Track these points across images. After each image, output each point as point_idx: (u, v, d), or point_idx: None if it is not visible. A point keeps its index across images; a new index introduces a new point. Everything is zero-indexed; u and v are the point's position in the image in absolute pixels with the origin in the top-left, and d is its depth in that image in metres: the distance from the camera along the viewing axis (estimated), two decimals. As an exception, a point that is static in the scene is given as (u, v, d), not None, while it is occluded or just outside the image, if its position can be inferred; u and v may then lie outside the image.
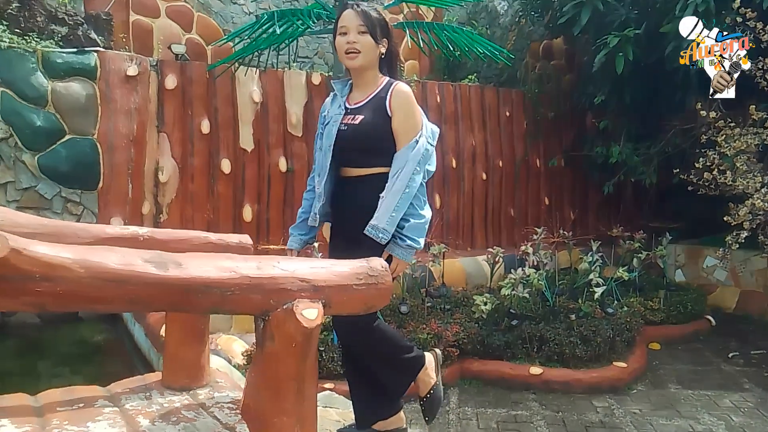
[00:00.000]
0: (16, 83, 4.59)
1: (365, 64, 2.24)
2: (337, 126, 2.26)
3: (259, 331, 1.68)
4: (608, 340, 4.55)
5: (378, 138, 2.21)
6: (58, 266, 1.33)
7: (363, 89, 2.30)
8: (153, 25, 5.84)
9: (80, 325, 4.71)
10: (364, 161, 2.25)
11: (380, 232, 2.13)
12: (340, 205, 2.32)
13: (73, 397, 2.34)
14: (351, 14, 2.22)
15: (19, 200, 4.60)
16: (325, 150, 2.29)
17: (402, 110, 2.20)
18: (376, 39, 2.21)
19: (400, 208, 2.14)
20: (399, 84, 2.25)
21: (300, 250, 2.48)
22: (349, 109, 2.29)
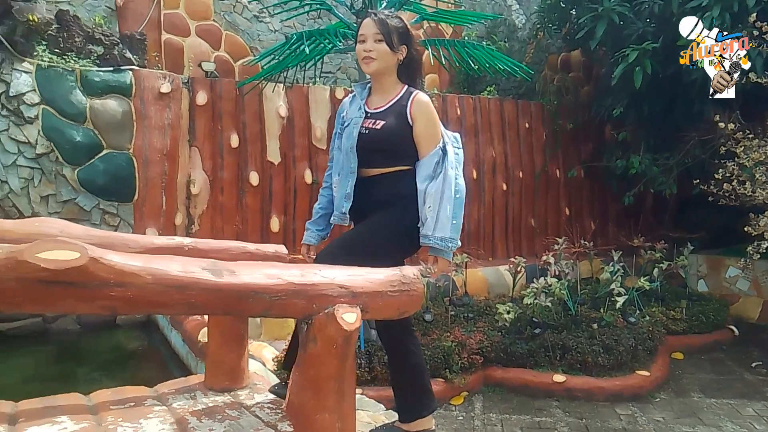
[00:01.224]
0: (56, 101, 4.82)
1: (380, 69, 2.32)
2: (358, 128, 2.35)
3: (302, 333, 1.82)
4: (630, 349, 4.61)
5: (398, 143, 2.30)
6: (128, 273, 1.48)
7: (382, 94, 2.39)
8: (183, 43, 6.06)
9: (117, 332, 4.89)
10: (383, 162, 2.34)
11: (449, 242, 2.24)
12: (359, 202, 2.39)
13: (123, 396, 2.49)
14: (369, 23, 2.32)
15: (60, 212, 4.81)
16: (346, 151, 2.38)
17: (423, 118, 2.29)
18: (392, 46, 2.29)
19: (458, 215, 2.26)
20: (419, 93, 2.33)
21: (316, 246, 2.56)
22: (370, 113, 2.38)
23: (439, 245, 2.24)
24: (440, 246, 2.24)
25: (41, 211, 4.76)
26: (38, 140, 4.73)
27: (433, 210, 2.23)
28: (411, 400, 2.37)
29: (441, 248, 2.25)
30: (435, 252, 2.28)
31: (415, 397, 2.37)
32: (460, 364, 4.36)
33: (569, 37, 7.47)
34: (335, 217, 2.47)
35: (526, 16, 8.37)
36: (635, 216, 7.65)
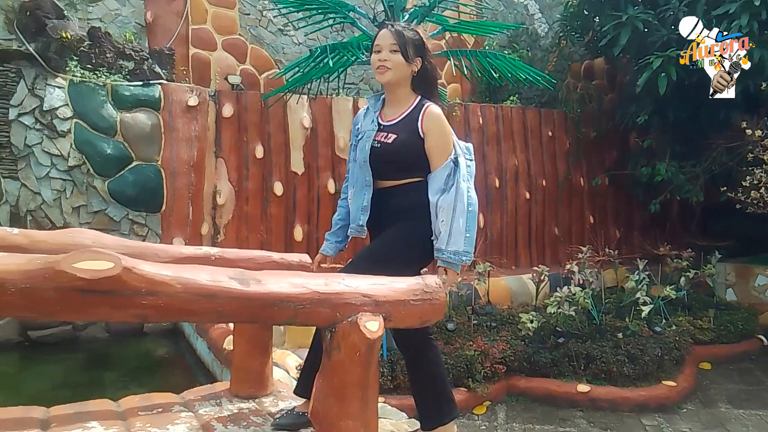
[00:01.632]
0: (88, 115, 4.97)
1: (394, 80, 2.32)
2: (371, 142, 2.36)
3: (326, 341, 1.86)
4: (656, 359, 4.56)
5: (410, 156, 2.30)
6: (159, 282, 1.54)
7: (395, 106, 2.38)
8: (210, 57, 6.20)
9: (145, 340, 5.00)
10: (396, 175, 2.34)
11: (463, 256, 2.23)
12: (374, 214, 2.39)
13: (151, 402, 2.56)
14: (385, 33, 2.33)
15: (91, 222, 4.94)
16: (360, 164, 2.39)
17: (434, 131, 2.28)
18: (407, 57, 2.29)
19: (471, 228, 2.24)
20: (431, 106, 2.32)
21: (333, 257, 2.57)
22: (382, 126, 2.38)
23: (452, 259, 2.24)
24: (453, 260, 2.24)
25: (72, 221, 4.90)
26: (70, 153, 4.88)
27: (446, 224, 2.22)
28: (432, 407, 2.38)
29: (454, 262, 2.24)
30: (447, 264, 2.27)
31: (436, 405, 2.38)
32: (483, 374, 4.35)
33: (592, 45, 7.44)
34: (352, 230, 2.47)
35: (549, 25, 8.36)
36: (661, 224, 7.56)
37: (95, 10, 5.64)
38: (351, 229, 2.47)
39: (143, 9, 5.90)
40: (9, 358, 4.61)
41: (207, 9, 6.22)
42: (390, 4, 4.49)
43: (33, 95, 4.84)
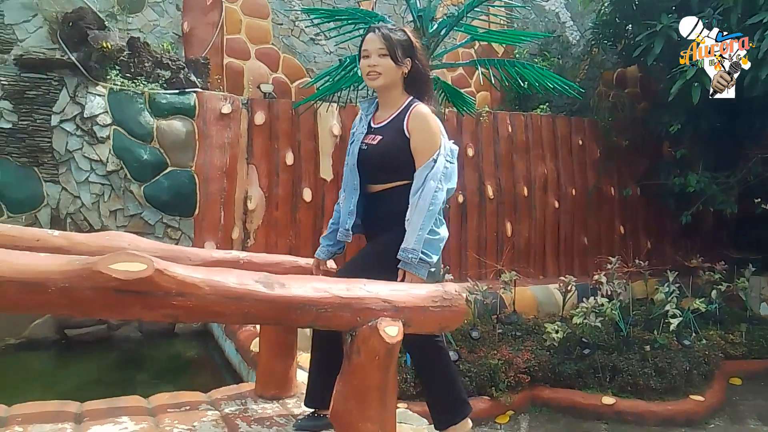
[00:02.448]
0: (126, 122, 5.15)
1: (385, 84, 2.29)
2: (359, 145, 2.35)
3: (347, 345, 1.92)
4: (684, 373, 4.50)
5: (395, 158, 2.26)
6: (190, 284, 1.62)
7: (387, 109, 2.36)
8: (244, 66, 6.36)
9: (176, 341, 5.13)
10: (384, 178, 2.31)
11: (410, 253, 2.14)
12: (367, 220, 2.39)
13: (179, 401, 2.66)
14: (372, 38, 2.29)
15: (127, 226, 5.11)
16: (350, 168, 2.37)
17: (419, 131, 2.23)
18: (396, 60, 2.26)
19: (426, 227, 2.16)
20: (418, 106, 2.28)
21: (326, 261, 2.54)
22: (372, 129, 2.36)
23: (401, 256, 2.15)
24: (402, 257, 2.15)
25: (110, 224, 5.07)
26: (109, 158, 5.06)
27: (409, 221, 2.18)
28: (443, 408, 2.37)
29: (405, 260, 2.15)
30: (403, 266, 2.17)
31: (446, 406, 2.36)
32: (507, 383, 4.36)
33: (625, 53, 7.38)
34: (340, 234, 2.43)
35: (581, 33, 8.32)
36: (693, 235, 7.43)
37: (135, 20, 5.84)
38: (339, 234, 2.44)
39: (180, 20, 6.08)
40: (46, 355, 4.80)
41: (241, 19, 6.39)
42: (419, 14, 4.55)
43: (74, 103, 5.04)
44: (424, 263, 2.18)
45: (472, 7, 4.29)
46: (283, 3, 6.62)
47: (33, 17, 5.34)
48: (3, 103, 4.87)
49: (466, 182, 6.66)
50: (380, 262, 2.23)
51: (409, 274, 2.17)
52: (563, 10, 8.33)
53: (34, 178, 4.92)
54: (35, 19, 5.34)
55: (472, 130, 6.75)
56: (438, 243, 2.23)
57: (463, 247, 6.59)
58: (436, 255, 2.22)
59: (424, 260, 2.17)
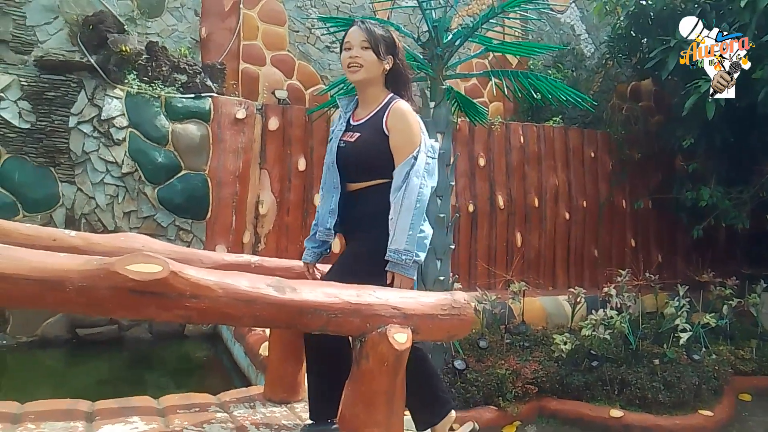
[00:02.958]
0: (142, 125, 5.22)
1: (367, 78, 2.25)
2: (337, 142, 2.31)
3: (356, 350, 1.94)
4: (693, 387, 4.47)
5: (373, 156, 2.21)
6: (203, 287, 1.65)
7: (366, 106, 2.31)
8: (259, 72, 6.42)
9: (185, 343, 5.18)
10: (363, 177, 2.26)
11: (403, 255, 2.08)
12: (346, 219, 2.33)
13: (189, 402, 2.69)
14: (355, 30, 2.26)
15: (140, 227, 5.17)
16: (328, 166, 2.33)
17: (398, 128, 2.19)
18: (379, 55, 2.22)
19: (415, 225, 2.11)
20: (398, 102, 2.24)
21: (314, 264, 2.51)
22: (351, 126, 2.32)
23: (392, 257, 2.09)
24: (394, 259, 2.09)
25: (123, 225, 5.13)
26: (124, 160, 5.12)
27: (394, 221, 2.11)
28: (422, 408, 2.31)
29: (396, 262, 2.09)
30: (392, 267, 2.11)
31: (425, 406, 2.30)
32: (514, 393, 4.35)
33: (639, 67, 7.38)
34: (320, 233, 2.38)
35: (595, 45, 8.32)
36: (705, 250, 7.39)
37: (153, 25, 5.92)
38: (319, 233, 2.39)
39: (198, 25, 6.16)
40: (58, 354, 4.85)
41: (258, 26, 6.45)
42: (434, 24, 4.58)
43: (92, 105, 5.12)
44: (416, 264, 2.13)
45: (487, 19, 4.32)
46: (299, 11, 6.69)
47: (54, 19, 5.43)
48: (22, 104, 4.96)
49: (478, 192, 6.67)
50: (364, 266, 2.18)
51: (398, 276, 2.12)
52: (578, 22, 8.34)
53: (50, 179, 5.00)
54: (56, 22, 5.44)
55: (485, 140, 6.77)
56: (425, 241, 2.17)
57: (472, 256, 6.59)
58: (424, 254, 2.16)
59: (417, 261, 2.12)
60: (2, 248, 1.52)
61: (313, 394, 2.33)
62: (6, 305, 1.50)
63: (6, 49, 5.23)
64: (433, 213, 4.57)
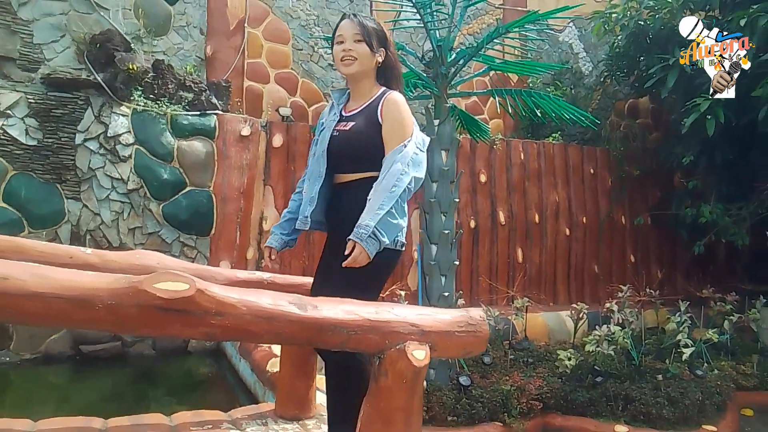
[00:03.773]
0: (148, 142, 5.26)
1: (360, 71, 2.26)
2: (330, 132, 2.29)
3: (374, 366, 1.96)
4: (697, 403, 4.49)
5: (367, 145, 2.21)
6: (227, 304, 1.68)
7: (359, 98, 2.32)
8: (263, 90, 6.49)
9: (189, 359, 5.17)
10: (354, 167, 2.25)
11: (362, 228, 2.08)
12: (332, 211, 2.31)
13: (201, 419, 2.70)
14: (347, 23, 2.26)
15: (145, 243, 5.19)
16: (318, 156, 2.31)
17: (391, 117, 2.20)
18: (371, 48, 2.24)
19: (385, 206, 2.10)
20: (392, 93, 2.25)
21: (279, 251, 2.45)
22: (344, 117, 2.32)
23: (355, 232, 2.09)
24: (355, 232, 2.09)
25: (128, 242, 5.16)
26: (130, 177, 5.16)
27: (368, 201, 2.13)
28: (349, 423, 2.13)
29: (356, 235, 2.08)
30: (354, 237, 2.09)
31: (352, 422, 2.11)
32: (519, 409, 4.36)
33: (638, 84, 7.49)
34: (299, 222, 2.36)
35: (593, 64, 8.45)
36: (705, 266, 7.45)
37: (160, 43, 5.99)
38: (298, 222, 2.37)
39: (203, 43, 6.24)
40: (61, 370, 4.84)
41: (263, 44, 6.54)
42: (438, 44, 4.66)
43: (99, 122, 5.16)
44: (374, 239, 2.09)
45: (491, 39, 4.39)
46: (303, 29, 6.77)
47: (61, 37, 5.50)
48: (29, 121, 5.00)
49: (479, 208, 6.72)
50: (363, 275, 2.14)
51: (358, 247, 2.08)
52: (576, 41, 8.47)
53: (56, 195, 5.02)
54: (63, 40, 5.50)
55: (486, 157, 6.84)
56: (394, 229, 2.15)
57: (474, 272, 6.63)
58: (388, 238, 2.13)
59: (376, 236, 2.09)
60: (32, 267, 1.55)
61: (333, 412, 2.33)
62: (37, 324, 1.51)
63: (13, 67, 5.28)
64: (437, 229, 4.62)
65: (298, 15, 6.73)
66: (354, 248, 2.09)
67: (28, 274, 1.50)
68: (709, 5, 6.45)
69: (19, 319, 1.53)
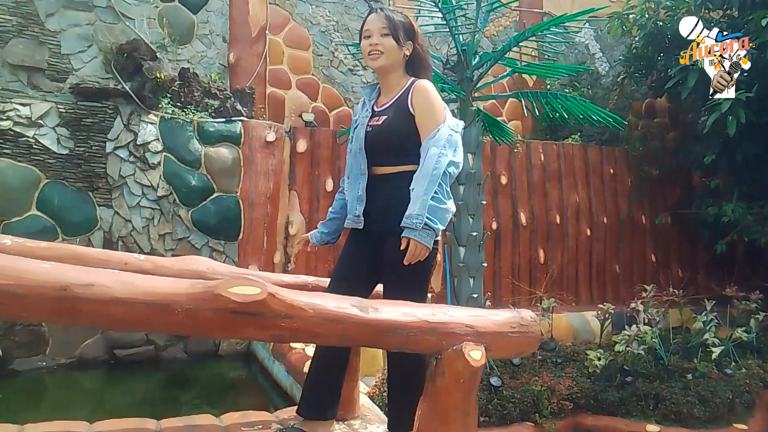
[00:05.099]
0: (176, 149, 5.35)
1: (388, 64, 2.28)
2: (364, 128, 2.32)
3: (431, 367, 2.02)
4: (727, 402, 4.51)
5: (401, 136, 2.22)
6: (297, 307, 1.74)
7: (389, 92, 2.34)
8: (285, 96, 6.56)
9: (220, 362, 5.24)
10: (391, 160, 2.26)
11: (414, 219, 2.08)
12: (371, 204, 2.31)
13: (249, 420, 2.75)
14: (374, 18, 2.29)
15: (175, 249, 5.27)
16: (355, 153, 2.33)
17: (422, 105, 2.21)
18: (399, 41, 2.26)
19: (429, 191, 2.10)
20: (420, 81, 2.26)
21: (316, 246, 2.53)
22: (376, 112, 2.34)
23: (406, 223, 2.09)
24: (406, 223, 2.09)
25: (158, 248, 5.24)
26: (159, 184, 5.25)
27: (413, 190, 2.14)
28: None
29: (409, 227, 2.09)
30: (407, 233, 2.10)
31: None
32: (550, 409, 4.40)
33: (655, 84, 7.51)
34: (349, 221, 2.38)
35: (610, 64, 8.47)
36: (727, 264, 7.43)
37: (184, 52, 6.07)
38: (348, 221, 2.38)
39: (226, 51, 6.32)
40: (96, 375, 4.93)
41: (284, 51, 6.61)
42: (463, 48, 4.71)
43: (128, 130, 5.25)
44: (429, 230, 2.09)
45: (517, 42, 4.44)
46: (323, 35, 6.84)
47: (88, 47, 5.58)
48: (60, 130, 5.09)
49: (500, 210, 6.76)
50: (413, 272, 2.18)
51: (413, 242, 2.09)
52: (593, 41, 8.49)
53: (88, 202, 5.11)
54: (90, 50, 5.58)
55: (506, 159, 6.88)
56: (444, 213, 2.14)
57: (497, 273, 6.67)
58: (441, 224, 2.13)
59: (429, 226, 2.09)
60: (115, 273, 1.61)
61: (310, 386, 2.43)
62: (120, 328, 1.58)
63: (42, 77, 5.37)
64: (465, 231, 4.67)
65: (318, 21, 6.81)
66: (409, 243, 2.10)
67: (112, 280, 1.57)
68: (728, 5, 6.47)
69: (105, 324, 1.60)
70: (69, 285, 1.50)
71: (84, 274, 1.55)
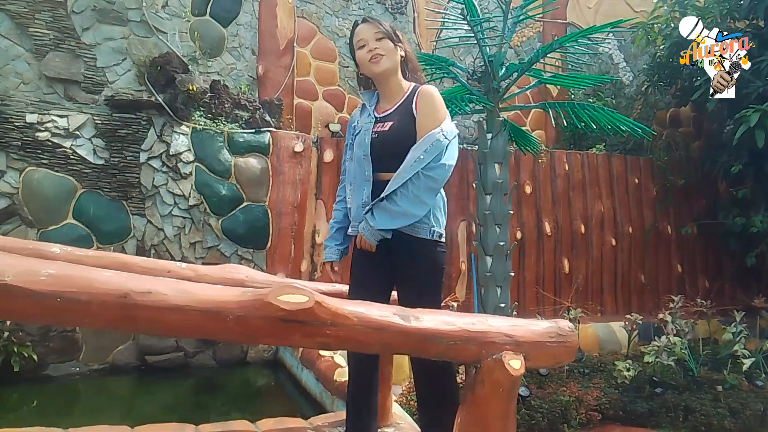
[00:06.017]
0: (207, 159, 5.46)
1: (390, 66, 2.31)
2: (369, 134, 2.32)
3: (470, 376, 2.05)
4: (758, 414, 4.45)
5: (407, 141, 2.24)
6: (342, 315, 1.78)
7: (390, 98, 2.36)
8: (312, 106, 6.67)
9: (248, 369, 5.31)
10: (397, 166, 2.26)
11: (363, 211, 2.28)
12: None
13: (285, 426, 2.82)
14: (365, 26, 2.34)
15: (204, 257, 5.37)
16: (359, 159, 2.34)
17: (424, 108, 2.25)
18: (394, 42, 2.31)
19: (388, 190, 2.22)
20: (425, 86, 2.30)
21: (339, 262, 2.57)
22: (379, 118, 2.35)
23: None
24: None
25: (189, 256, 5.34)
26: (191, 193, 5.36)
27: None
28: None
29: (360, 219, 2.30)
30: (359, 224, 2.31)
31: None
32: (579, 420, 4.38)
33: (680, 94, 7.47)
34: (353, 228, 2.40)
35: (633, 74, 8.45)
36: (754, 275, 7.34)
37: (214, 64, 6.21)
38: (352, 228, 2.41)
39: (255, 63, 6.45)
40: (126, 381, 5.03)
41: (311, 62, 6.72)
42: (490, 59, 4.76)
43: (161, 141, 5.38)
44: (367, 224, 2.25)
45: (545, 53, 4.48)
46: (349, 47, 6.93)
47: (122, 60, 5.74)
48: (96, 141, 5.23)
49: (525, 219, 6.77)
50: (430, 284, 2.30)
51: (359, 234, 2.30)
52: (616, 51, 8.49)
53: (122, 211, 5.24)
54: (124, 63, 5.74)
55: (530, 168, 6.90)
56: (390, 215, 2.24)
57: (521, 283, 6.66)
58: (380, 224, 2.25)
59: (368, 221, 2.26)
60: (170, 281, 1.68)
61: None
62: (174, 335, 1.64)
63: (78, 90, 5.53)
64: (492, 241, 4.69)
65: (344, 33, 6.91)
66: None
67: (168, 288, 1.63)
68: (754, 15, 6.44)
69: (160, 330, 1.65)
70: (129, 292, 1.57)
71: (142, 282, 1.62)
